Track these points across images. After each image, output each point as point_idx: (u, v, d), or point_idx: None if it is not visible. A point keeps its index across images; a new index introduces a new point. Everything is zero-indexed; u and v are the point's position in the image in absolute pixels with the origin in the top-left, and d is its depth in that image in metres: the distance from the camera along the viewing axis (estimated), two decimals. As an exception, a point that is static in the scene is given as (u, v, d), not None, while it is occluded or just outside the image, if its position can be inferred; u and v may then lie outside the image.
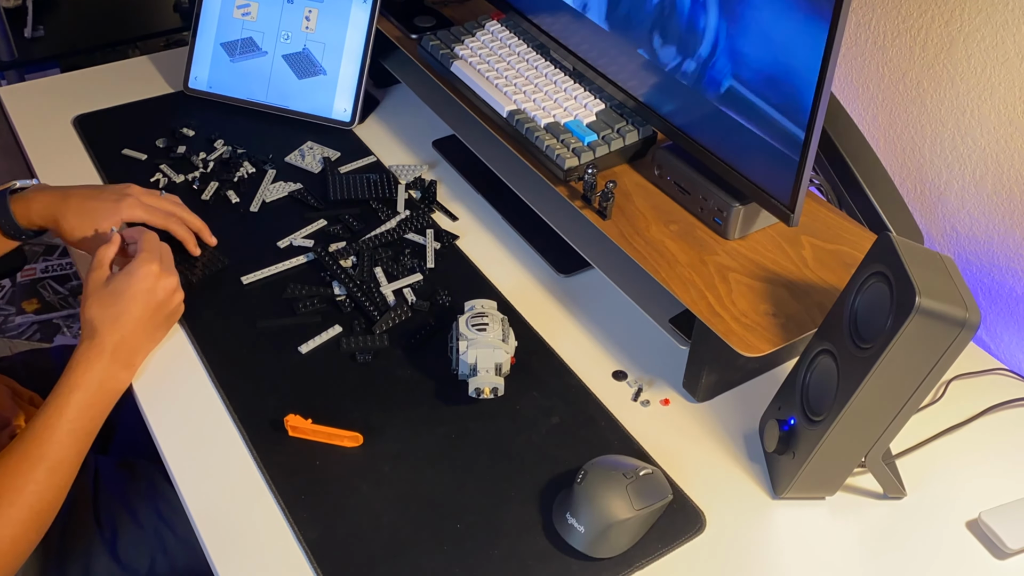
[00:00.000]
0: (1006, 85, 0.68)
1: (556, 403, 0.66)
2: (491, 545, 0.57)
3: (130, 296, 0.62)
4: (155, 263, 0.64)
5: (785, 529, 0.59)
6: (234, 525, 0.58)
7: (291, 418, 0.62)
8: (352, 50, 0.92)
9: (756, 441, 0.65)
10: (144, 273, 0.63)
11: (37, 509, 0.57)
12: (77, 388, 0.59)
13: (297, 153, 0.90)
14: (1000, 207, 0.72)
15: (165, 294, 0.64)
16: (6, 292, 1.43)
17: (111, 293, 0.62)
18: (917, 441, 0.65)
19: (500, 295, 0.75)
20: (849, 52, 0.80)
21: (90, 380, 0.60)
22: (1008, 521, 0.58)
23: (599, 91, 0.78)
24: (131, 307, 0.62)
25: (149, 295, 0.63)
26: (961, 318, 0.51)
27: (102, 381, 0.61)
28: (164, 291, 0.64)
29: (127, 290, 0.62)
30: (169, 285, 0.65)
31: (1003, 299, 0.74)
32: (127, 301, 0.62)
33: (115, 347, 0.62)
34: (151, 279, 0.63)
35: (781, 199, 0.62)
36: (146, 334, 0.64)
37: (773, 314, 0.62)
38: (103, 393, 0.61)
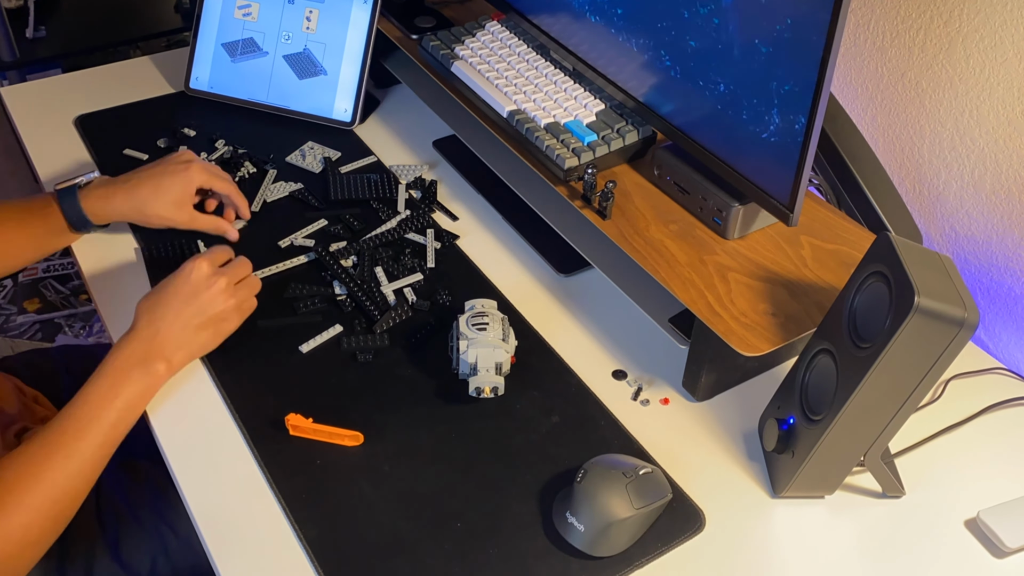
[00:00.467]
0: (1005, 85, 0.68)
1: (556, 402, 0.66)
2: (491, 543, 0.57)
3: (172, 288, 0.62)
4: (205, 261, 0.64)
5: (784, 528, 0.60)
6: (235, 524, 0.58)
7: (292, 417, 0.62)
8: (353, 50, 0.92)
9: (755, 440, 0.65)
10: (190, 268, 0.63)
11: (55, 500, 0.56)
12: (114, 386, 0.59)
13: (298, 153, 0.90)
14: (999, 207, 0.72)
15: (209, 293, 0.63)
16: (8, 291, 1.43)
17: (158, 287, 0.63)
18: (916, 440, 0.65)
19: (500, 295, 0.75)
20: (848, 52, 0.80)
21: (128, 377, 0.59)
22: (1006, 520, 0.58)
23: (599, 91, 0.78)
24: (171, 300, 0.62)
25: (191, 291, 0.62)
26: (960, 318, 0.51)
27: (139, 377, 0.60)
28: (208, 289, 0.63)
29: (170, 283, 0.63)
30: (217, 284, 0.63)
31: (1001, 299, 0.74)
32: (168, 294, 0.62)
33: (151, 338, 0.61)
34: (195, 274, 0.63)
35: (780, 199, 0.62)
36: (185, 331, 0.62)
37: (772, 313, 0.63)
38: (139, 390, 0.60)
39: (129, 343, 0.61)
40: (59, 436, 0.57)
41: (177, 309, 0.62)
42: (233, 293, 0.65)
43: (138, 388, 0.60)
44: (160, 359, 0.62)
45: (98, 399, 0.59)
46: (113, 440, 0.59)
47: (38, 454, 0.56)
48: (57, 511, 0.57)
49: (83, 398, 0.59)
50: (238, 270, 0.66)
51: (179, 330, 0.62)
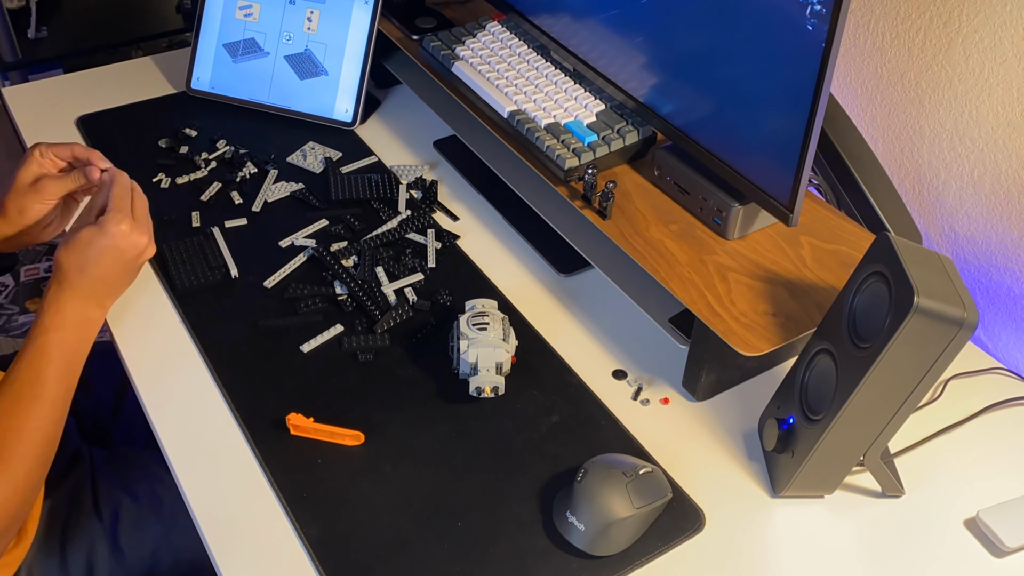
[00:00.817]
0: (1004, 86, 0.68)
1: (556, 402, 0.66)
2: (491, 543, 0.57)
3: (99, 250, 0.63)
4: (126, 221, 0.64)
5: (784, 527, 0.60)
6: (236, 523, 0.58)
7: (293, 416, 0.62)
8: (353, 51, 0.92)
9: (755, 440, 0.65)
10: (115, 232, 0.63)
11: (41, 443, 0.59)
12: (53, 328, 0.61)
13: (299, 153, 0.90)
14: (998, 207, 0.72)
15: (135, 251, 0.65)
16: (9, 291, 1.44)
17: (82, 243, 0.63)
18: (915, 440, 0.65)
19: (501, 294, 0.76)
20: (848, 53, 0.80)
21: (64, 319, 0.61)
22: (1006, 520, 0.58)
23: (599, 92, 0.78)
24: (101, 259, 0.63)
25: (119, 252, 0.64)
26: (959, 318, 0.51)
27: (76, 320, 0.62)
28: (134, 249, 0.64)
29: (97, 244, 0.63)
30: (139, 243, 0.65)
31: (1001, 299, 0.75)
32: (96, 254, 0.63)
33: (83, 291, 0.63)
34: (120, 237, 0.64)
35: (780, 199, 0.62)
36: (116, 281, 0.65)
37: (772, 313, 0.63)
38: (79, 330, 0.62)
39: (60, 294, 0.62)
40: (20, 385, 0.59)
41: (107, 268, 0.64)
42: (145, 230, 0.66)
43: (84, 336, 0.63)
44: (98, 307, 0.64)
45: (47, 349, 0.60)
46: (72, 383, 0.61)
47: (10, 406, 0.58)
48: (47, 448, 0.60)
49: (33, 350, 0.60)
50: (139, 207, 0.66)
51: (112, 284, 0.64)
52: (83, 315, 0.63)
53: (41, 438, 0.59)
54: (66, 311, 0.62)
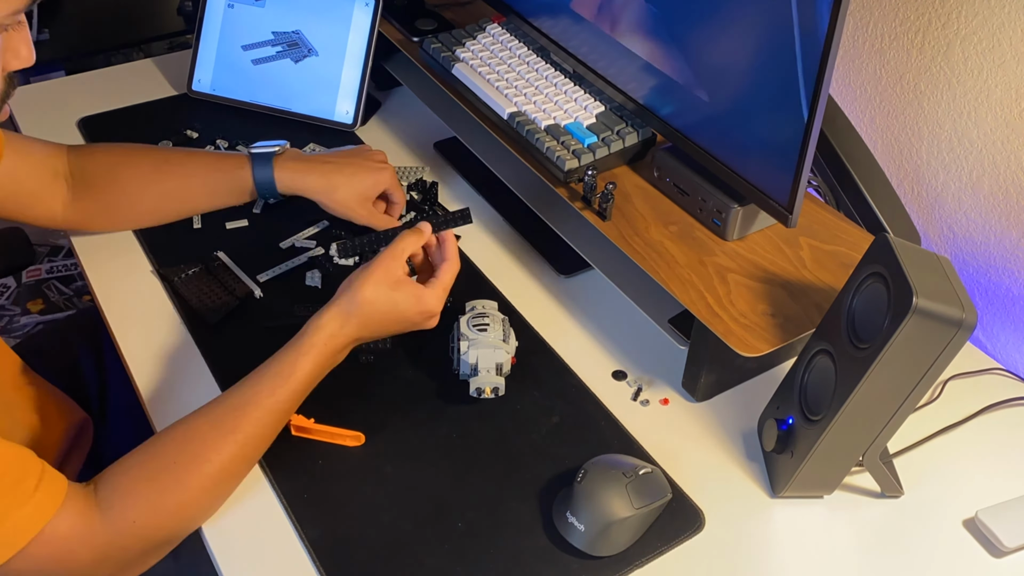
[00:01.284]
0: (1003, 88, 0.68)
1: (556, 403, 0.67)
2: (492, 543, 0.57)
3: (397, 319, 0.62)
4: (440, 303, 0.63)
5: (783, 528, 0.60)
6: (238, 522, 0.58)
7: (294, 417, 0.62)
8: (354, 53, 0.92)
9: (755, 440, 0.65)
10: (427, 310, 0.63)
11: (216, 479, 0.56)
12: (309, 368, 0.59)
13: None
14: (996, 208, 0.72)
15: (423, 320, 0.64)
16: (11, 293, 1.44)
17: (388, 303, 0.61)
18: (914, 440, 0.65)
19: (501, 295, 0.76)
20: (847, 55, 0.80)
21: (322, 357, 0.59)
22: (1005, 520, 0.59)
23: (599, 93, 0.78)
24: (390, 327, 0.63)
25: (411, 325, 0.64)
26: (958, 318, 0.51)
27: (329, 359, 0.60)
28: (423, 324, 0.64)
29: (400, 313, 0.62)
30: (432, 323, 0.64)
31: (999, 299, 0.75)
32: (392, 321, 0.62)
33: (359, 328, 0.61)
34: (423, 317, 0.63)
35: (779, 200, 0.63)
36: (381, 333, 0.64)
37: (771, 314, 0.63)
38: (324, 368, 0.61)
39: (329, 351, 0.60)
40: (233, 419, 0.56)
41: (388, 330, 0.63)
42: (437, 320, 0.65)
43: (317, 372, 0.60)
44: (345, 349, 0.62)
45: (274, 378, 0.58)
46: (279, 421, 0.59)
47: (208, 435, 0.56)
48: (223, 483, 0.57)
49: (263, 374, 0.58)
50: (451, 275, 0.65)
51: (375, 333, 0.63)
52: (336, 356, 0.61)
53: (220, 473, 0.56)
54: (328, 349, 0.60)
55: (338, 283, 0.63)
